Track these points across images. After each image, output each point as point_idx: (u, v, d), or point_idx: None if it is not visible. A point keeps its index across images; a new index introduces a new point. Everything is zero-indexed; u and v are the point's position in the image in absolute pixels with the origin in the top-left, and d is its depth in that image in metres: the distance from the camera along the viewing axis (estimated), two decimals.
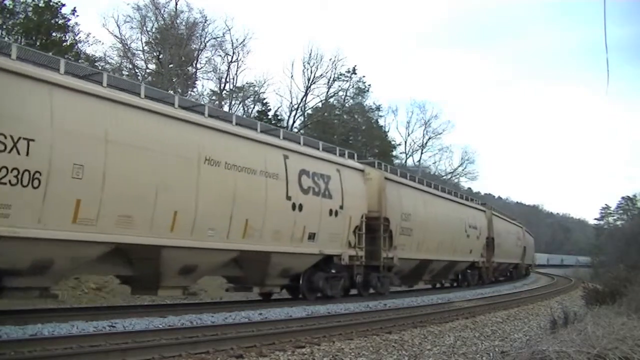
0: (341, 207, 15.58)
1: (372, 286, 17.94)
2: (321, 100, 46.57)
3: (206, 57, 39.94)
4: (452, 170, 64.40)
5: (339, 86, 47.09)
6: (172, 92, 15.57)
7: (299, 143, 14.87)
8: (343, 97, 48.10)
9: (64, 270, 9.77)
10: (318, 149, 15.73)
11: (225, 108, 37.69)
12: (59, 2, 26.29)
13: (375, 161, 20.24)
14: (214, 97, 40.37)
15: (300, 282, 14.95)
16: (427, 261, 21.35)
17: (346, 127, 47.20)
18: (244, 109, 41.62)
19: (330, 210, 15.15)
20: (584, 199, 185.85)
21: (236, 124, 12.86)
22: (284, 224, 13.52)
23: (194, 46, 38.93)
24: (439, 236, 22.16)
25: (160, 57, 37.46)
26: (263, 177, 12.85)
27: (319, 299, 15.08)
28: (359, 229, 16.49)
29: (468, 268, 26.84)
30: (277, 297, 15.85)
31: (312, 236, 14.38)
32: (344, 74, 46.55)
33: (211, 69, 40.30)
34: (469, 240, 26.01)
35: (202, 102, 20.50)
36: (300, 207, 13.90)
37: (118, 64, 35.68)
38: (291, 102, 44.74)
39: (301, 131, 41.02)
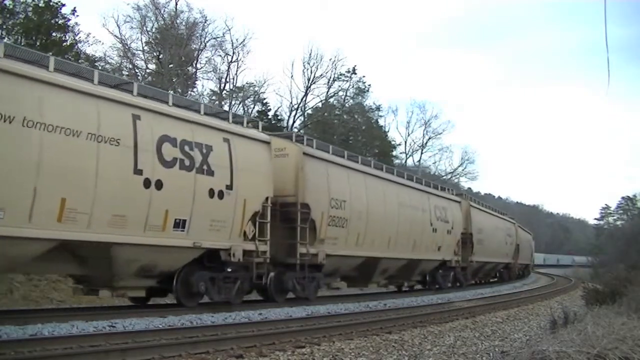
0: (229, 187, 12.19)
1: (289, 289, 14.75)
2: (321, 100, 46.65)
3: (206, 57, 39.97)
4: (452, 170, 64.36)
5: (339, 86, 47.19)
6: (172, 92, 15.15)
7: (167, 103, 11.58)
8: (343, 97, 48.19)
9: None
10: (198, 111, 12.35)
11: (225, 108, 37.66)
12: (59, 2, 26.28)
13: (293, 134, 16.69)
14: (214, 97, 40.39)
15: (174, 283, 11.71)
16: (374, 259, 17.68)
17: (346, 127, 47.21)
18: (244, 109, 41.63)
19: (211, 191, 11.81)
20: (584, 199, 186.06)
21: (54, 69, 9.66)
22: (131, 206, 10.33)
23: (194, 46, 38.93)
24: (389, 229, 18.32)
25: (160, 57, 37.44)
26: (93, 142, 9.68)
27: (204, 305, 12.23)
28: (260, 216, 13.12)
29: (438, 268, 22.93)
30: (156, 302, 13.08)
31: (180, 224, 11.17)
32: (344, 74, 46.66)
33: (211, 69, 40.33)
34: (435, 235, 21.79)
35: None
36: (160, 185, 10.69)
37: (118, 64, 35.71)
38: (291, 102, 44.81)
39: (301, 131, 41.02)
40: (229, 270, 12.64)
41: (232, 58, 40.06)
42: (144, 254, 10.81)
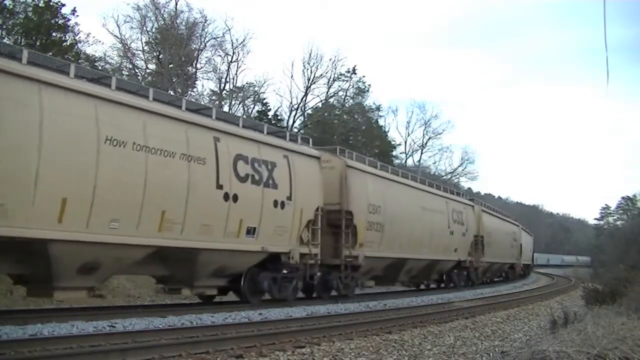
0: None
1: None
2: (321, 100, 46.64)
3: (206, 57, 39.98)
4: (452, 170, 64.35)
5: (339, 86, 47.17)
6: (172, 92, 15.19)
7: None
8: (343, 97, 48.16)
9: None
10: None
11: (225, 108, 37.71)
12: (59, 2, 26.28)
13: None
14: (214, 97, 40.41)
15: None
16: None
17: (346, 127, 47.21)
18: (244, 109, 41.66)
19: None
20: (584, 199, 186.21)
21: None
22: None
23: (194, 46, 38.93)
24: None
25: (160, 57, 37.45)
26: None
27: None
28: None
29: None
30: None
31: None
32: (344, 74, 46.62)
33: (211, 69, 40.34)
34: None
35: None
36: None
37: (118, 64, 35.73)
38: (291, 102, 44.79)
39: (301, 131, 41.03)
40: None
41: (232, 58, 40.12)
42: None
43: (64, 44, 26.59)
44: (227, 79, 40.64)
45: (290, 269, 14.18)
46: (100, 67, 29.89)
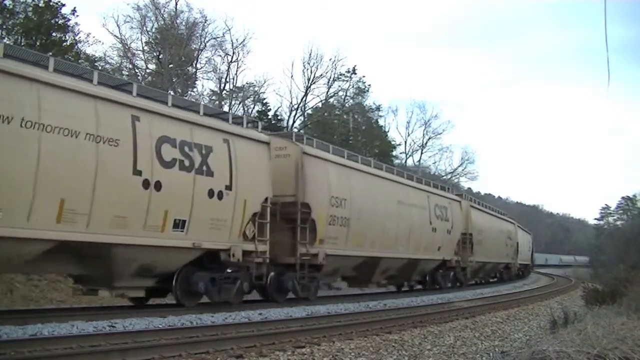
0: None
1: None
2: (321, 100, 46.65)
3: (206, 57, 39.98)
4: (452, 170, 64.40)
5: (339, 86, 47.18)
6: (172, 92, 15.11)
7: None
8: (343, 97, 48.18)
9: None
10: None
11: (225, 108, 37.70)
12: (59, 2, 26.29)
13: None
14: (214, 97, 40.42)
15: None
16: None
17: (346, 127, 47.19)
18: (244, 109, 41.66)
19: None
20: (584, 199, 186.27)
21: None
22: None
23: (194, 46, 38.93)
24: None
25: (160, 57, 37.45)
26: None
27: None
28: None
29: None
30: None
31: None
32: (344, 74, 46.63)
33: (211, 69, 40.34)
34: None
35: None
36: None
37: (118, 64, 35.73)
38: (291, 102, 44.79)
39: (301, 131, 41.02)
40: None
41: (232, 58, 40.11)
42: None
43: (64, 44, 26.60)
44: (227, 79, 40.70)
45: (236, 269, 12.75)
46: (100, 67, 29.88)
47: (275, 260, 14.06)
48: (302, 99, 44.90)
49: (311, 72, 44.66)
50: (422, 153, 62.01)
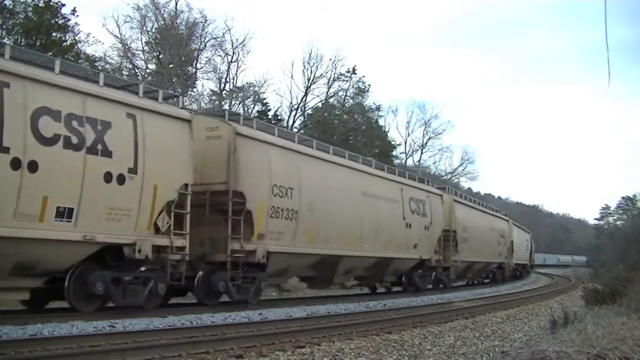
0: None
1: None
2: (321, 100, 46.70)
3: (206, 57, 40.07)
4: (452, 170, 64.50)
5: (339, 86, 47.26)
6: (172, 92, 14.84)
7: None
8: (343, 97, 48.24)
9: None
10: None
11: (225, 108, 37.69)
12: (59, 2, 26.38)
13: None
14: (214, 97, 40.45)
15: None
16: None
17: (346, 127, 47.26)
18: (244, 109, 41.67)
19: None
20: (584, 199, 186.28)
21: None
22: None
23: (194, 46, 39.01)
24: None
25: (160, 57, 37.51)
26: None
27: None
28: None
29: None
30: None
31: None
32: (344, 74, 46.71)
33: (211, 69, 40.44)
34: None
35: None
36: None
37: (118, 64, 35.77)
38: (291, 102, 44.85)
39: (301, 131, 41.04)
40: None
41: (232, 58, 40.21)
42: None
43: (64, 44, 26.68)
44: (227, 79, 40.78)
45: (152, 268, 11.11)
46: (100, 67, 29.88)
47: (205, 258, 12.54)
48: (302, 99, 45.03)
49: (311, 72, 44.80)
50: (422, 153, 62.21)
